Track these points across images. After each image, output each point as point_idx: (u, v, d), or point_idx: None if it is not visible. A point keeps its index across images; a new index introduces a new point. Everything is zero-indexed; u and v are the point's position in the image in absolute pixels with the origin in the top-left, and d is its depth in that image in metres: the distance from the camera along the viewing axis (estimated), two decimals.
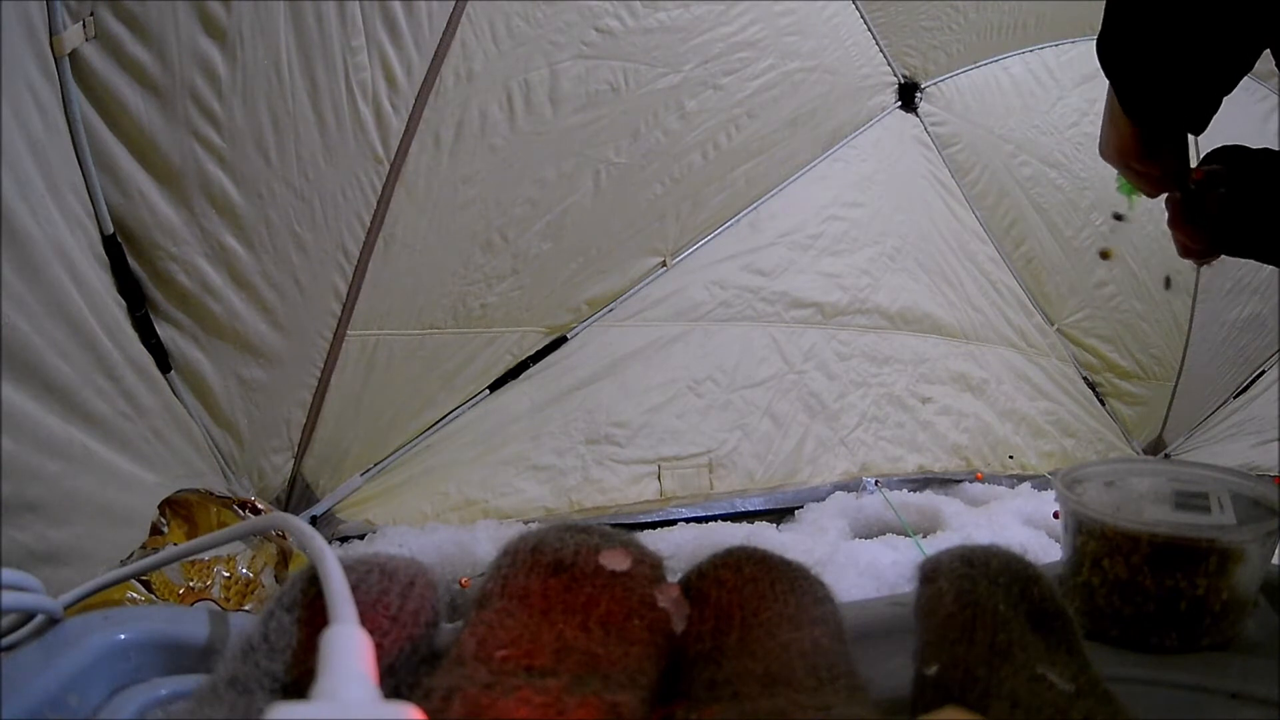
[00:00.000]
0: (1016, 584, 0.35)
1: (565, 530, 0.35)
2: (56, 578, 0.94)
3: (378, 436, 1.71)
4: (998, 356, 2.57)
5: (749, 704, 0.28)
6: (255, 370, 1.45)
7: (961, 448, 2.43)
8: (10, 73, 0.99)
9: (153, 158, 1.22)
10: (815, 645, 0.31)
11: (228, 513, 1.28)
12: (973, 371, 2.50)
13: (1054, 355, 2.70)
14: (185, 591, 1.12)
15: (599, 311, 1.94)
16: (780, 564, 0.36)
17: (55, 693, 0.32)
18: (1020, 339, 2.62)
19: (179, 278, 1.30)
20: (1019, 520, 1.92)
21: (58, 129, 1.11)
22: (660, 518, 1.89)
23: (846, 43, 2.09)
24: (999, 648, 0.31)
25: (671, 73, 1.79)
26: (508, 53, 1.55)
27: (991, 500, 2.16)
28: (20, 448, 0.95)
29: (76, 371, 1.06)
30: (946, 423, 2.42)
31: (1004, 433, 2.53)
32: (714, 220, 2.06)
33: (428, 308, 1.67)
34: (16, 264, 0.96)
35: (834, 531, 1.82)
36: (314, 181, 1.39)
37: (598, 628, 0.30)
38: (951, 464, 2.40)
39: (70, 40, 1.08)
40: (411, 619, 0.31)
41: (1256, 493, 0.50)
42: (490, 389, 1.82)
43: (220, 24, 1.21)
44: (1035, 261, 2.57)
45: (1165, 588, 0.44)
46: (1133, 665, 0.44)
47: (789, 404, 2.15)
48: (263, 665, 0.28)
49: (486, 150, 1.60)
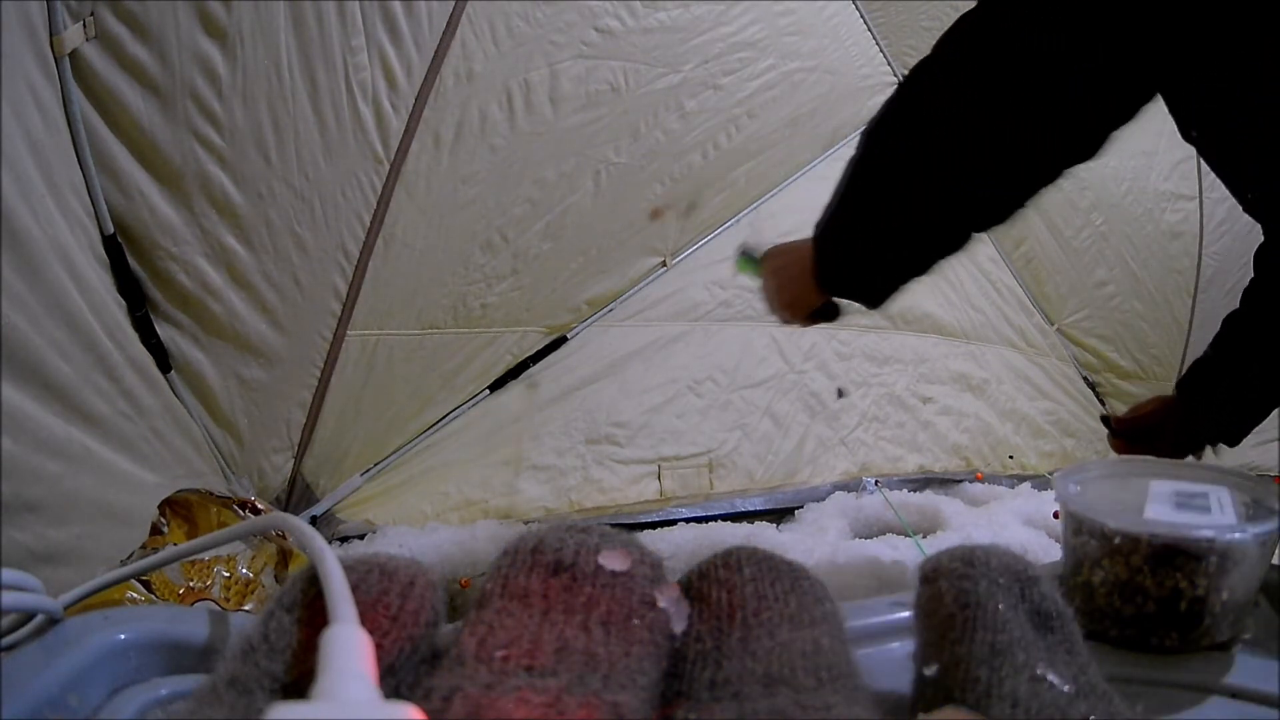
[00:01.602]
0: (1016, 584, 0.35)
1: (565, 530, 0.35)
2: (56, 578, 0.94)
3: (378, 436, 1.71)
4: (998, 356, 2.57)
5: (749, 704, 0.28)
6: (255, 370, 1.45)
7: (962, 448, 2.43)
8: (10, 73, 0.99)
9: (153, 158, 1.22)
10: (815, 645, 0.31)
11: (228, 513, 1.28)
12: (973, 371, 2.50)
13: (1054, 355, 2.70)
14: (185, 591, 1.12)
15: (599, 311, 1.95)
16: (780, 564, 0.36)
17: (55, 693, 0.32)
18: (1020, 339, 2.62)
19: (179, 278, 1.30)
20: (1019, 520, 1.92)
21: (58, 129, 1.11)
22: (660, 518, 1.89)
23: (846, 43, 2.09)
24: (999, 648, 0.31)
25: (671, 73, 1.79)
26: (508, 53, 1.55)
27: (991, 500, 2.16)
28: (20, 448, 0.95)
29: (76, 371, 1.06)
30: (947, 423, 2.42)
31: (1004, 433, 2.53)
32: (714, 220, 2.06)
33: (428, 308, 1.67)
34: (16, 264, 0.96)
35: (834, 531, 1.82)
36: (314, 181, 1.39)
37: (598, 628, 0.30)
38: (951, 464, 2.40)
39: (70, 40, 1.08)
40: (411, 619, 0.31)
41: (1256, 493, 0.50)
42: (490, 389, 1.82)
43: (220, 24, 1.21)
44: (1035, 261, 2.57)
45: (1165, 588, 0.44)
46: (1133, 665, 0.44)
47: (789, 404, 2.15)
48: (263, 665, 0.28)
49: (486, 150, 1.60)
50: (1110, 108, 0.71)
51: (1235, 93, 0.71)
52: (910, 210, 0.77)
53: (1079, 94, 0.69)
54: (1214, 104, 0.74)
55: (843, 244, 0.84)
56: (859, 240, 0.82)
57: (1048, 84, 0.68)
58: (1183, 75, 0.71)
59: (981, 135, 0.71)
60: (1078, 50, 0.67)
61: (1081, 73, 0.67)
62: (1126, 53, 0.67)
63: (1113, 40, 0.66)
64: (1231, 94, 0.71)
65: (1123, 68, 0.68)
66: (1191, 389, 1.06)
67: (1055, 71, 0.68)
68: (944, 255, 0.81)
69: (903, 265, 0.83)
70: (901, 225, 0.78)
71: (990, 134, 0.71)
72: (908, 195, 0.76)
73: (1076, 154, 0.73)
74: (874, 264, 0.83)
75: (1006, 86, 0.69)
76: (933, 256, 0.81)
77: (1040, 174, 0.75)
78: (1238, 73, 0.68)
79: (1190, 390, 1.06)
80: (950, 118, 0.73)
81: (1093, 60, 0.67)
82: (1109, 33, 0.66)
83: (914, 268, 0.83)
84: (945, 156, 0.73)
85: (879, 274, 0.84)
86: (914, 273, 0.83)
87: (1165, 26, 0.65)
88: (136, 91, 1.17)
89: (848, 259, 0.85)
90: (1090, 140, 0.72)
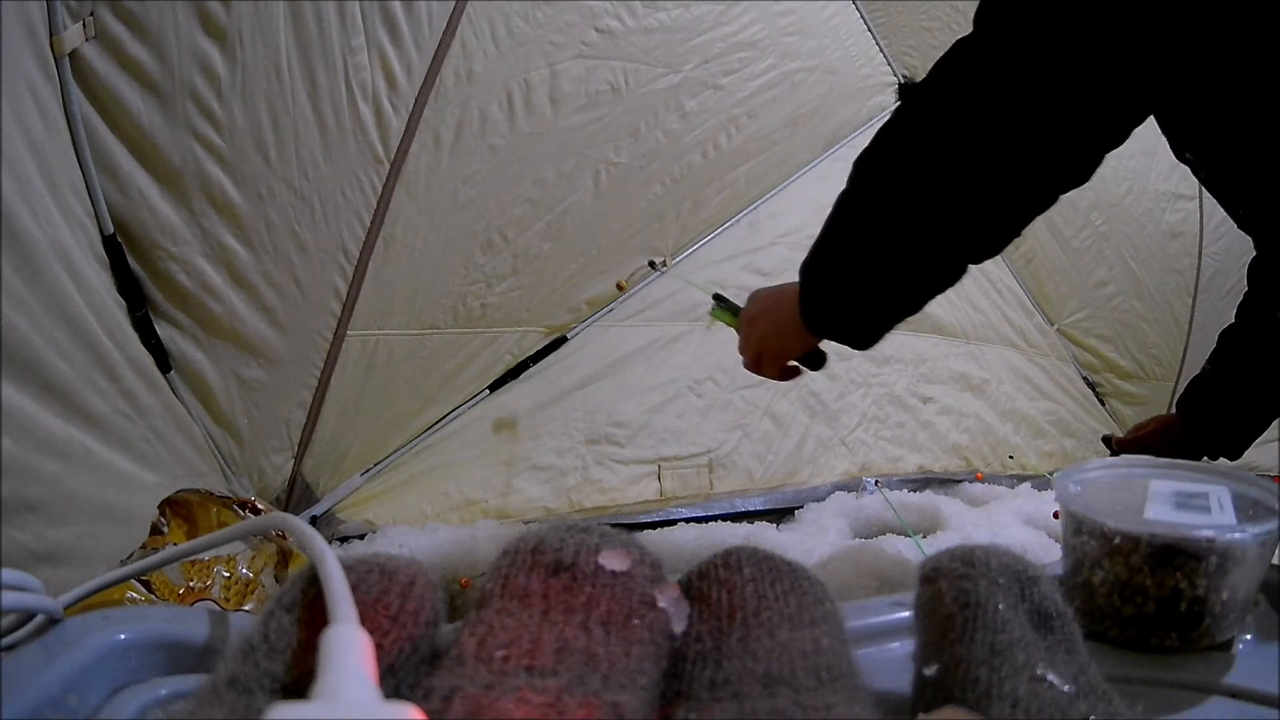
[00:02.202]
0: (1016, 584, 0.35)
1: (565, 530, 0.35)
2: (56, 578, 0.94)
3: (378, 436, 1.71)
4: (998, 356, 2.57)
5: (749, 704, 0.28)
6: (255, 370, 1.45)
7: (962, 448, 2.43)
8: (10, 73, 0.99)
9: (153, 158, 1.22)
10: (815, 645, 0.31)
11: (228, 513, 1.28)
12: (973, 371, 2.50)
13: (1054, 355, 2.70)
14: (185, 591, 1.12)
15: (599, 311, 1.94)
16: (780, 564, 0.36)
17: (55, 693, 0.32)
18: (1020, 339, 2.62)
19: (179, 278, 1.30)
20: (1019, 520, 1.91)
21: (58, 129, 1.11)
22: (660, 518, 1.89)
23: (846, 43, 2.09)
24: (999, 648, 0.31)
25: (671, 73, 1.79)
26: (508, 53, 1.55)
27: (991, 500, 2.15)
28: (20, 448, 0.95)
29: (76, 371, 1.06)
30: (947, 422, 2.42)
31: (1004, 433, 2.53)
32: (714, 220, 2.06)
33: (428, 308, 1.67)
34: (16, 264, 0.96)
35: (834, 531, 1.82)
36: (314, 181, 1.39)
37: (598, 628, 0.30)
38: (951, 464, 2.40)
39: (70, 40, 1.08)
40: (411, 619, 0.31)
41: (1256, 493, 0.50)
42: (490, 389, 1.82)
43: (220, 24, 1.21)
44: (1035, 261, 2.57)
45: (1165, 588, 0.44)
46: (1133, 665, 0.44)
47: (789, 404, 2.15)
48: (263, 665, 0.28)
49: (486, 150, 1.60)
50: (1105, 128, 0.71)
51: (1233, 97, 0.71)
52: (903, 239, 0.75)
53: (1075, 114, 0.68)
54: (1213, 106, 0.74)
55: (832, 279, 0.81)
56: (850, 275, 0.79)
57: (1045, 103, 0.68)
58: (1180, 82, 0.72)
59: (976, 158, 0.70)
60: (1075, 68, 0.66)
61: (1079, 91, 0.67)
62: (1123, 64, 0.67)
63: (1110, 54, 0.66)
64: (1230, 97, 0.72)
65: (1119, 83, 0.68)
66: (1191, 405, 1.06)
67: (1052, 91, 0.67)
68: (938, 289, 0.78)
69: (896, 300, 0.80)
70: (894, 256, 0.76)
71: (986, 157, 0.70)
72: (901, 223, 0.74)
73: (1070, 178, 0.73)
74: (865, 300, 0.80)
75: (1003, 106, 0.69)
76: (927, 290, 0.78)
77: (1035, 199, 0.74)
78: (1236, 78, 0.69)
79: (1190, 407, 1.06)
80: (945, 141, 0.71)
81: (1090, 78, 0.67)
82: (1106, 48, 0.66)
83: (907, 303, 0.80)
84: (940, 181, 0.72)
85: (870, 311, 0.81)
86: (907, 309, 0.80)
87: (1164, 32, 0.65)
88: (136, 91, 1.17)
89: (838, 296, 0.81)
90: (1084, 163, 0.72)
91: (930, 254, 0.75)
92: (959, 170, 0.71)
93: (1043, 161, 0.71)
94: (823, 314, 0.83)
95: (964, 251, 0.76)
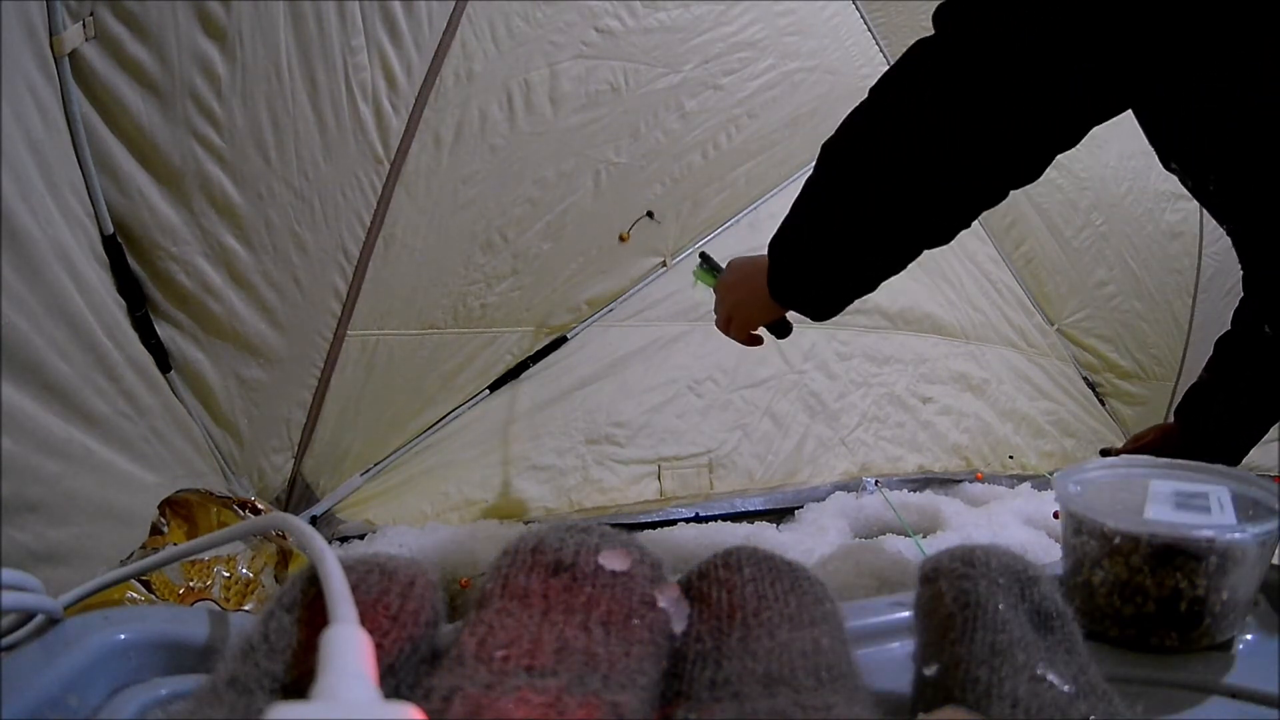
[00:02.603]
0: (1016, 584, 0.35)
1: (565, 530, 0.35)
2: (56, 578, 0.94)
3: (378, 436, 1.71)
4: (998, 356, 2.57)
5: (749, 704, 0.28)
6: (255, 370, 1.45)
7: (961, 448, 2.43)
8: (10, 73, 0.99)
9: (153, 158, 1.22)
10: (815, 645, 0.31)
11: (228, 513, 1.28)
12: (973, 371, 2.50)
13: (1054, 355, 2.70)
14: (185, 591, 1.12)
15: (599, 311, 1.94)
16: (780, 564, 0.36)
17: (55, 693, 0.32)
18: (1020, 339, 2.62)
19: (179, 278, 1.30)
20: (1019, 520, 1.91)
21: (58, 129, 1.11)
22: (660, 518, 1.89)
23: (846, 43, 2.09)
24: (999, 648, 0.31)
25: (671, 73, 1.79)
26: (508, 53, 1.55)
27: (991, 500, 2.15)
28: (20, 448, 0.95)
29: (76, 371, 1.06)
30: (947, 423, 2.42)
31: (1004, 433, 2.53)
32: (714, 220, 2.06)
33: (428, 308, 1.67)
34: (16, 264, 0.96)
35: (834, 531, 1.82)
36: (314, 181, 1.39)
37: (598, 628, 0.30)
38: (951, 464, 2.40)
39: (70, 40, 1.08)
40: (411, 619, 0.31)
41: (1256, 493, 0.50)
42: (490, 389, 1.82)
43: (220, 24, 1.21)
44: (1035, 261, 2.57)
45: (1165, 588, 0.44)
46: (1133, 665, 0.44)
47: (789, 404, 2.15)
48: (263, 665, 0.28)
49: (486, 150, 1.60)
50: (1058, 132, 0.73)
51: (1233, 97, 0.71)
52: (861, 224, 0.80)
53: (1031, 117, 0.71)
54: (1212, 106, 0.75)
55: (796, 257, 0.87)
56: (812, 254, 0.85)
57: (999, 106, 0.70)
58: (1179, 84, 0.72)
59: (932, 154, 0.73)
60: (1033, 73, 0.68)
61: (1035, 95, 0.70)
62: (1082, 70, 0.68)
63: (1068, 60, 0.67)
64: (1230, 98, 0.72)
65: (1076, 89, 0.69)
66: (1189, 414, 1.07)
67: (1008, 95, 0.70)
68: (892, 270, 0.83)
69: (853, 279, 0.85)
70: (852, 239, 0.81)
71: (940, 153, 0.73)
72: (859, 209, 0.79)
73: (1021, 176, 0.76)
74: (825, 277, 0.86)
75: (958, 108, 0.71)
76: (882, 270, 0.84)
77: (985, 194, 0.77)
78: (1234, 80, 0.69)
79: (1188, 415, 1.07)
80: (902, 137, 0.75)
81: (1047, 84, 0.69)
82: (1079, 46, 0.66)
83: (864, 282, 0.85)
84: (896, 173, 0.76)
85: (829, 288, 0.87)
86: (864, 287, 0.85)
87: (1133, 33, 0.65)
88: (136, 91, 1.17)
89: (801, 272, 0.88)
90: (1035, 163, 0.75)
91: (885, 239, 0.80)
92: (914, 164, 0.74)
93: (995, 161, 0.74)
94: (787, 288, 0.90)
95: (916, 238, 0.81)
